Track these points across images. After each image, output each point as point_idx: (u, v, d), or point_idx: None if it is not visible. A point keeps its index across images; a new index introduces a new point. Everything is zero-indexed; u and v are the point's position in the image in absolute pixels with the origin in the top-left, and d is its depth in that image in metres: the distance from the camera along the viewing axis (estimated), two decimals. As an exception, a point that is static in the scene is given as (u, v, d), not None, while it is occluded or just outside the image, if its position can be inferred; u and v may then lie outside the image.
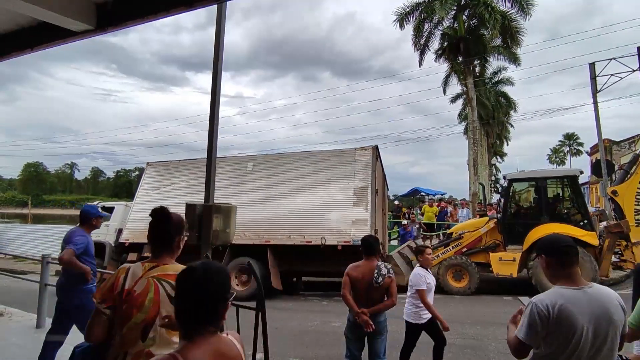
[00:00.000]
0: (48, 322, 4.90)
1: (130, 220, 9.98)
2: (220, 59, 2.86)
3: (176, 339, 1.60)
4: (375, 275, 3.42)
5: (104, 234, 10.28)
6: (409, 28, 19.21)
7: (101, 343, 1.78)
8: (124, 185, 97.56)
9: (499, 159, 45.06)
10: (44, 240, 14.45)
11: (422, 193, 24.53)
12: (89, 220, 4.01)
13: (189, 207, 3.61)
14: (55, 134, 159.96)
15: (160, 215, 1.95)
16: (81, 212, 4.06)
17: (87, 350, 1.87)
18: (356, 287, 3.52)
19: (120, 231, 10.08)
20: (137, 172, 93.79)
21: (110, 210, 10.92)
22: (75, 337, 3.62)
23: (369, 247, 3.58)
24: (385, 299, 3.48)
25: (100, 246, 9.82)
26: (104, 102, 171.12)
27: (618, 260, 8.87)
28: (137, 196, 10.55)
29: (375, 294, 3.45)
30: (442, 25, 19.49)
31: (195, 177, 9.95)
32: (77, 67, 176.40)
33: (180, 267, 1.69)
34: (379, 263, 3.51)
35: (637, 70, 12.24)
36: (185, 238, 2.00)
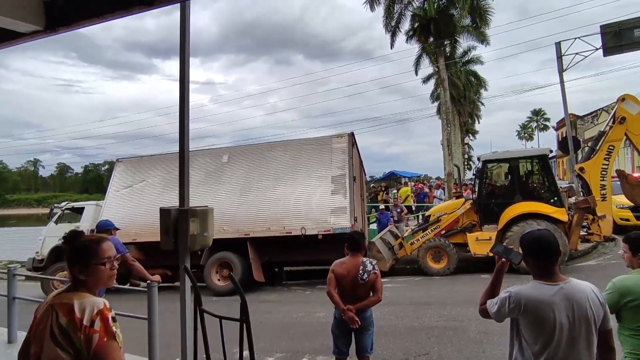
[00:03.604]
0: (20, 336, 4.68)
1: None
2: (187, 62, 2.68)
3: None
4: (361, 271, 3.40)
5: (74, 236, 9.87)
6: (380, 10, 19.05)
7: None
8: (94, 181, 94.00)
9: (472, 137, 46.22)
10: (7, 243, 13.75)
11: (399, 176, 24.83)
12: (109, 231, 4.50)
13: (164, 212, 3.45)
14: (15, 130, 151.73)
15: (65, 242, 1.65)
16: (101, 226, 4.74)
17: None
18: (342, 284, 3.49)
19: (92, 232, 9.70)
20: (107, 166, 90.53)
21: (79, 210, 10.47)
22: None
23: (354, 243, 3.54)
24: (371, 294, 3.47)
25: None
26: (65, 94, 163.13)
27: (585, 233, 9.27)
28: (108, 194, 10.15)
29: (361, 290, 3.44)
30: (412, 6, 19.40)
31: (170, 173, 9.64)
32: (33, 57, 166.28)
33: (84, 298, 1.53)
34: (364, 259, 3.49)
35: (599, 48, 12.63)
36: (108, 264, 1.63)
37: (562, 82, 12.85)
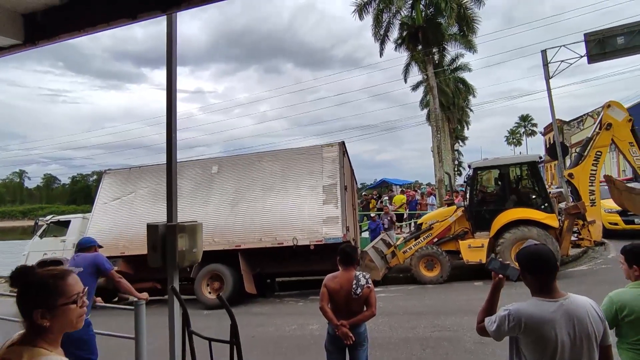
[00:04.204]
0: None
1: (88, 234, 9.39)
2: (174, 73, 2.61)
3: None
4: (354, 286, 3.33)
5: (60, 250, 9.64)
6: (369, 18, 19.22)
7: None
8: (82, 191, 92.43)
9: (461, 143, 46.71)
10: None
11: (390, 184, 24.90)
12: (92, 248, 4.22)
13: (151, 227, 3.34)
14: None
15: (13, 282, 1.34)
16: (83, 244, 4.30)
17: None
18: (335, 299, 3.41)
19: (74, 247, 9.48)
20: (95, 177, 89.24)
21: (65, 224, 10.24)
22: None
23: (346, 256, 3.47)
24: (365, 309, 3.39)
25: (57, 264, 9.19)
26: (52, 104, 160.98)
27: (576, 238, 9.33)
28: (96, 207, 9.93)
29: (355, 304, 3.36)
30: (401, 14, 19.63)
31: (160, 184, 9.48)
32: (18, 67, 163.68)
33: (43, 357, 1.26)
34: (357, 273, 3.42)
35: (584, 56, 12.87)
36: (79, 301, 1.36)
37: (548, 89, 13.04)
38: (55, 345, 1.33)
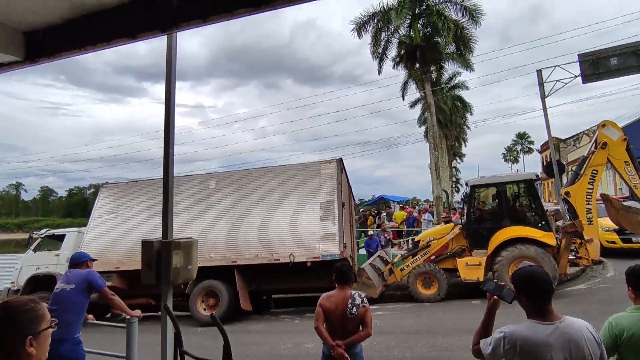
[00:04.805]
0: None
1: (83, 248, 9.29)
2: (173, 90, 2.64)
3: None
4: (350, 305, 3.29)
5: (54, 264, 9.52)
6: (367, 37, 19.55)
7: None
8: (78, 204, 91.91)
9: (459, 160, 46.95)
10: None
11: (388, 200, 24.91)
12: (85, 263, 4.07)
13: (145, 244, 3.32)
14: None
15: None
16: (76, 259, 4.13)
17: None
18: (330, 318, 3.37)
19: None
20: (92, 190, 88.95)
21: (60, 238, 10.13)
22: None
23: (342, 275, 3.44)
24: (360, 328, 3.35)
25: (50, 278, 9.08)
26: (53, 117, 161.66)
27: (574, 257, 9.29)
28: (91, 221, 9.87)
29: (350, 324, 3.32)
30: (399, 33, 19.96)
31: (156, 199, 9.45)
32: (20, 79, 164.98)
33: None
34: (353, 292, 3.38)
35: (578, 76, 13.10)
36: (49, 330, 1.32)
37: (544, 108, 13.21)
38: None
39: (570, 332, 1.86)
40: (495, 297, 2.10)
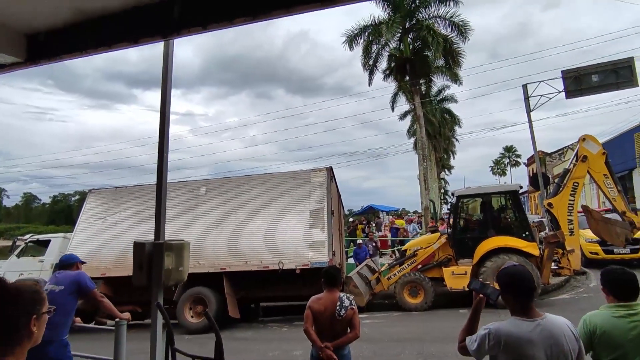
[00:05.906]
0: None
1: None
2: (168, 96, 2.72)
3: None
4: (338, 307, 3.36)
5: (37, 270, 9.36)
6: (358, 49, 19.90)
7: None
8: (63, 211, 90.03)
9: (447, 172, 47.54)
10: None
11: (377, 210, 25.07)
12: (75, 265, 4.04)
13: (137, 245, 3.35)
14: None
15: None
16: (65, 261, 4.11)
17: None
18: (319, 320, 3.43)
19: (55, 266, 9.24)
20: (77, 197, 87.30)
21: (45, 243, 9.99)
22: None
23: (330, 278, 3.52)
24: (349, 330, 3.42)
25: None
26: (38, 122, 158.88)
27: (556, 267, 9.50)
28: (78, 226, 9.76)
29: (339, 326, 3.39)
30: (389, 46, 20.36)
31: (144, 205, 9.41)
32: (5, 83, 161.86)
33: None
34: (341, 295, 3.46)
35: (562, 91, 13.55)
36: (46, 315, 1.36)
37: (530, 122, 13.59)
38: None
39: (550, 328, 1.97)
40: (480, 295, 2.20)
